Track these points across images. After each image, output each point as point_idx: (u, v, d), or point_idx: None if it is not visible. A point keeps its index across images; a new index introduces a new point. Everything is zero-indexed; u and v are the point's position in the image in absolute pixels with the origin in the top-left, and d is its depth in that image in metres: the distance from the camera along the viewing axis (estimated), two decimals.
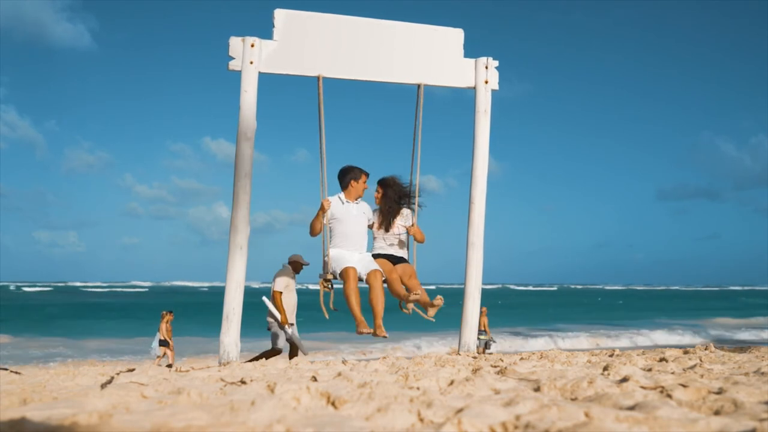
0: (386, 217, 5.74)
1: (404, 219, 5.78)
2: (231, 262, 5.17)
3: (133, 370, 3.89)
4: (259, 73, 5.34)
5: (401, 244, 5.82)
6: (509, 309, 41.13)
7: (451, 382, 2.96)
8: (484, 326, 14.66)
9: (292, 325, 8.04)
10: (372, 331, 5.29)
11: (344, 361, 4.41)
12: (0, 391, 2.61)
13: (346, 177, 5.70)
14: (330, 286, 5.55)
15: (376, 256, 5.68)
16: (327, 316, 5.43)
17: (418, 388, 2.76)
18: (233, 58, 5.33)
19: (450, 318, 5.98)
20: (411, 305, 5.52)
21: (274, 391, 2.60)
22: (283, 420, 1.92)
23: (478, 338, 14.62)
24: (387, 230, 5.74)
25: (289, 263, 8.15)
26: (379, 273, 5.41)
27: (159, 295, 65.91)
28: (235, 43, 5.34)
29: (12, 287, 79.90)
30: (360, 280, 5.40)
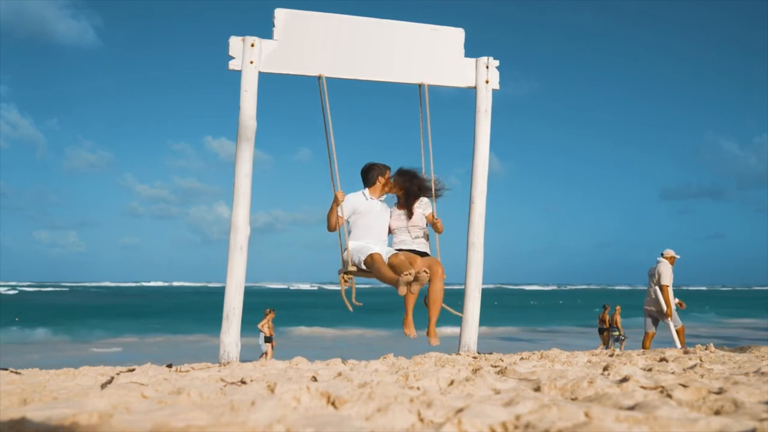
0: (407, 201, 5.61)
1: (423, 207, 5.68)
2: (231, 262, 5.17)
3: (133, 370, 3.89)
4: (260, 72, 5.34)
5: (426, 237, 5.69)
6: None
7: (452, 382, 2.96)
8: (617, 324, 16.05)
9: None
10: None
11: (344, 361, 4.41)
12: (0, 391, 2.61)
13: (373, 173, 5.61)
14: (351, 280, 5.45)
15: (399, 251, 5.48)
16: (351, 309, 5.36)
17: (418, 388, 2.76)
18: (233, 58, 5.32)
19: (452, 317, 5.97)
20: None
21: (274, 391, 2.59)
22: (283, 420, 1.92)
23: (612, 335, 16.16)
24: (409, 217, 5.60)
25: (666, 258, 9.17)
26: (402, 254, 5.25)
27: (183, 295, 64.81)
28: (235, 43, 5.33)
29: (30, 290, 77.08)
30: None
